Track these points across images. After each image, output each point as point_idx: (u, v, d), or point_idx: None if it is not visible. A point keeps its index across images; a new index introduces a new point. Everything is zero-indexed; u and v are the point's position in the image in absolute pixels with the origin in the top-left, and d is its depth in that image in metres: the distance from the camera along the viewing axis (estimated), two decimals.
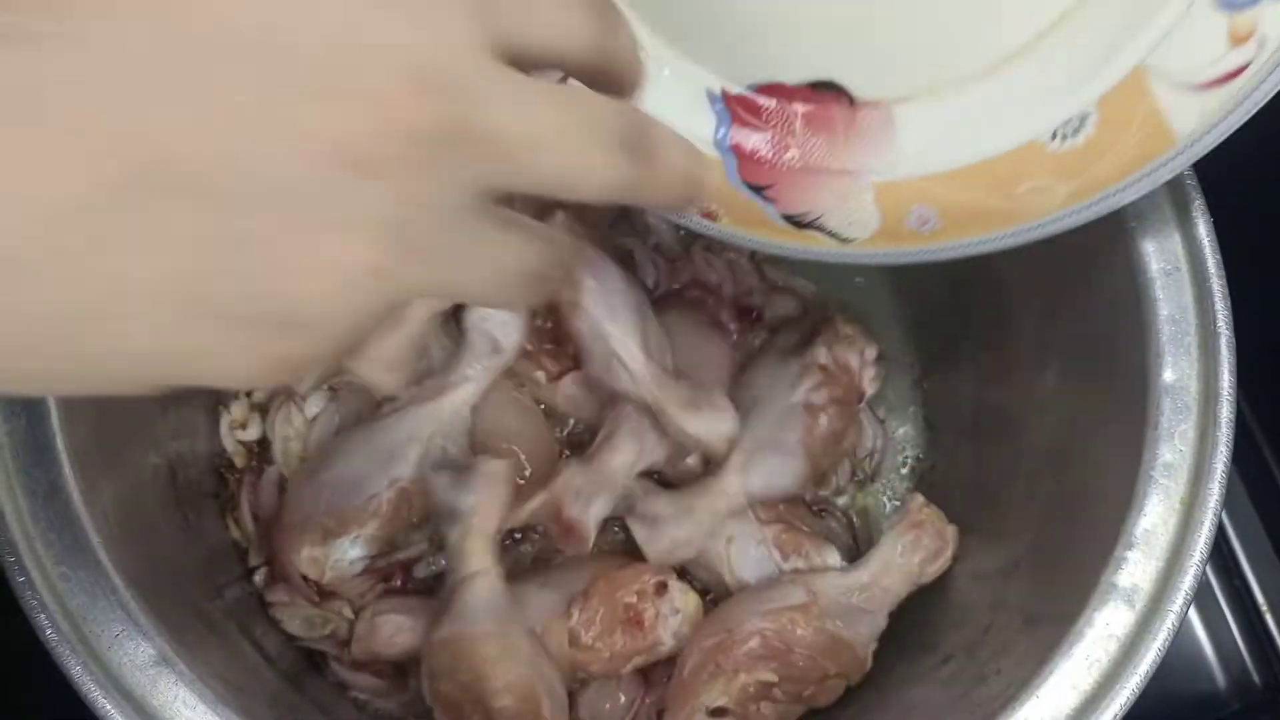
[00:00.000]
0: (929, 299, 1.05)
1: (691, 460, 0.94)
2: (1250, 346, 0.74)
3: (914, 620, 0.89)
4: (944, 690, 0.77)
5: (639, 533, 0.88)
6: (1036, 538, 0.82)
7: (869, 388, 0.96)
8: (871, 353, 0.97)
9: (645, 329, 0.92)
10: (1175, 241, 0.76)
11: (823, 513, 0.99)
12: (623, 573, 0.88)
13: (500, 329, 0.92)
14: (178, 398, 0.90)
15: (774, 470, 0.91)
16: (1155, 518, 0.71)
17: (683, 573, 0.91)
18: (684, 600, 0.88)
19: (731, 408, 0.90)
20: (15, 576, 0.65)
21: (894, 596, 0.88)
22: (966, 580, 0.88)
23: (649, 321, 0.93)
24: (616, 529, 0.94)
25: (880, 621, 0.87)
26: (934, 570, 0.89)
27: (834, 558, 0.91)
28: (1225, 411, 0.73)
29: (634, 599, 0.86)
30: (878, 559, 0.89)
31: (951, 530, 0.90)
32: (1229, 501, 0.72)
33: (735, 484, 0.90)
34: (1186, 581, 0.68)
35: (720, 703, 0.83)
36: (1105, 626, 0.69)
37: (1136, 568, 0.70)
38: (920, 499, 0.91)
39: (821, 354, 0.93)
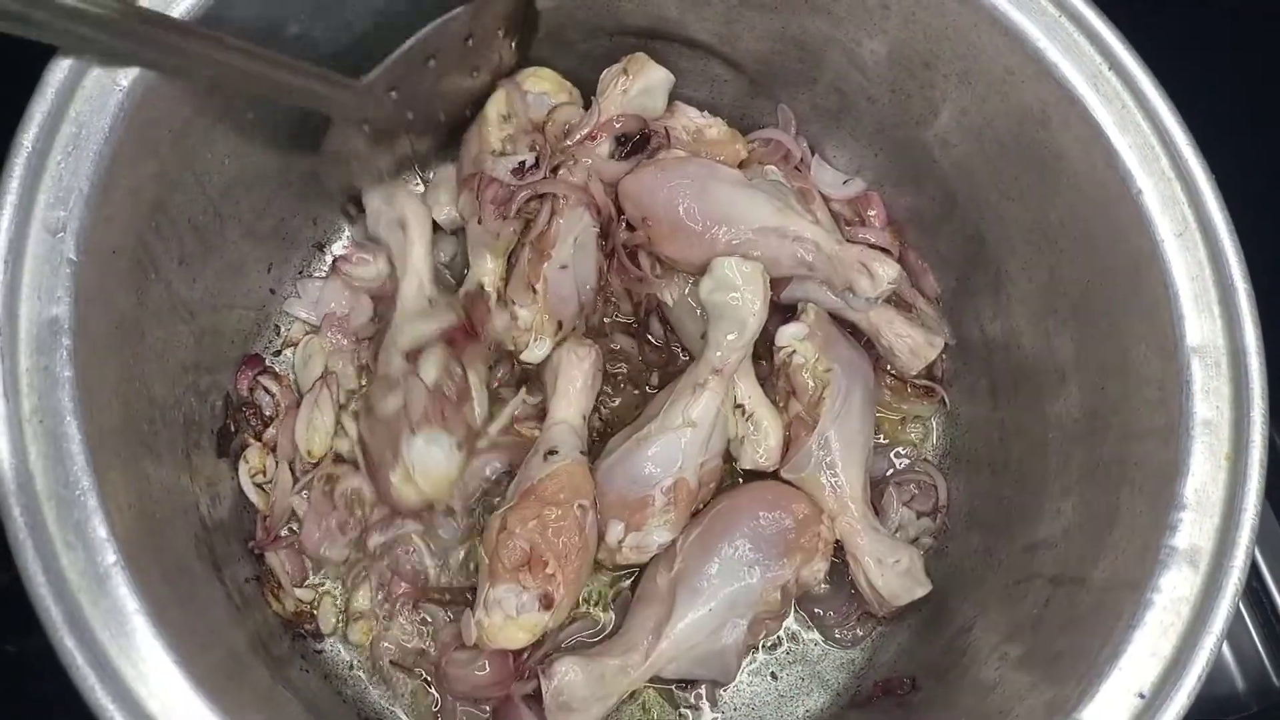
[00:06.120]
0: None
1: None
2: None
3: (962, 600, 0.90)
4: (1017, 670, 0.78)
5: None
6: (1080, 507, 0.83)
7: None
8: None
9: None
10: (1182, 203, 0.78)
11: None
12: None
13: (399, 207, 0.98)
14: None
15: None
16: (1204, 476, 0.72)
17: None
18: None
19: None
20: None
21: None
22: (1013, 555, 0.89)
23: None
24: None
25: None
26: None
27: None
28: (1255, 364, 0.74)
29: None
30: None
31: None
32: None
33: None
34: (1245, 536, 0.70)
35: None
36: (1172, 590, 0.70)
37: (1194, 528, 0.71)
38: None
39: None
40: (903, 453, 1.04)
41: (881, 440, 1.03)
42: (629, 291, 1.02)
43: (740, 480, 0.98)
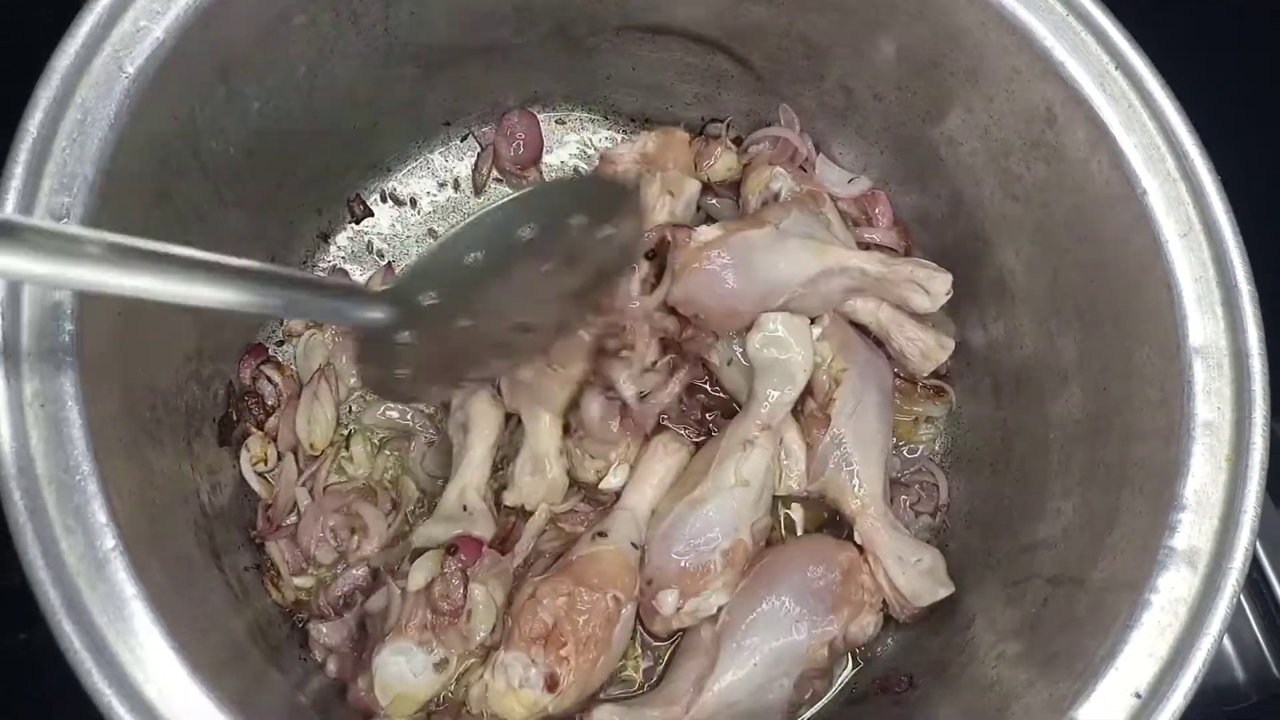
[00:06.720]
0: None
1: None
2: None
3: (961, 599, 0.90)
4: (1015, 669, 0.78)
5: None
6: (1080, 507, 0.83)
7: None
8: None
9: None
10: (1187, 204, 0.78)
11: None
12: None
13: (469, 409, 0.94)
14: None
15: None
16: (1204, 477, 0.72)
17: None
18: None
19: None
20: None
21: None
22: (1013, 554, 0.89)
23: None
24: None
25: None
26: None
27: None
28: (1257, 365, 0.74)
29: None
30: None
31: None
32: None
33: None
34: (1244, 537, 0.70)
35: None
36: (1170, 591, 0.70)
37: (1193, 529, 0.71)
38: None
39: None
40: (909, 455, 1.03)
41: (896, 443, 1.03)
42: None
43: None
